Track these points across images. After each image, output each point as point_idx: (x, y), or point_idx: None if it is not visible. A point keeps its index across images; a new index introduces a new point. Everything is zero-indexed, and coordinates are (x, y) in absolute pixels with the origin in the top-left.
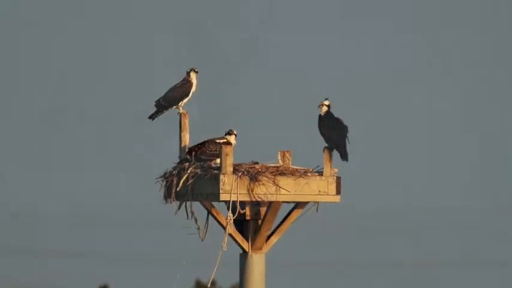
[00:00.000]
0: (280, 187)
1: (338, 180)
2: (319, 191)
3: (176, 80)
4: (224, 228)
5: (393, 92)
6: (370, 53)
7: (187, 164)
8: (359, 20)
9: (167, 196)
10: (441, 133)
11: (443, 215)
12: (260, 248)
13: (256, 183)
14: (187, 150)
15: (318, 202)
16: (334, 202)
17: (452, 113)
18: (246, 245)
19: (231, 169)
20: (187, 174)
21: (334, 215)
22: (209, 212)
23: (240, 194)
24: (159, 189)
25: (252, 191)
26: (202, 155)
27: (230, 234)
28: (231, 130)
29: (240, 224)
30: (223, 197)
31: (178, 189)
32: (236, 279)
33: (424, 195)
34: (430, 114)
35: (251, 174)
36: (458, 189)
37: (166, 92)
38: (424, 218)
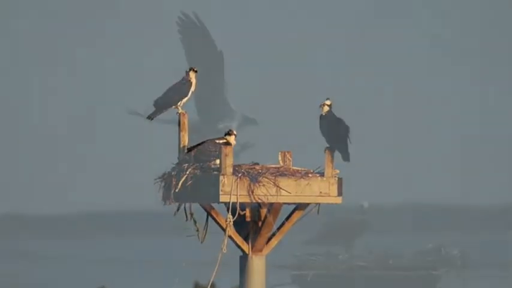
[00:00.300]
0: (280, 188)
1: (339, 181)
2: (320, 192)
3: (175, 79)
4: (224, 230)
5: (394, 92)
6: (371, 53)
7: (186, 164)
8: (359, 20)
9: (166, 197)
10: (441, 134)
11: (442, 214)
12: (260, 250)
13: (257, 185)
14: (186, 150)
15: (319, 203)
16: (336, 203)
17: (452, 113)
18: (246, 247)
19: (231, 170)
20: (186, 175)
21: (334, 215)
22: (208, 214)
23: (240, 195)
24: (157, 190)
25: (252, 192)
26: (202, 155)
27: (230, 236)
28: (230, 130)
29: (240, 225)
30: (223, 198)
31: (177, 190)
32: (236, 281)
33: (424, 195)
34: (430, 115)
35: (251, 175)
36: (458, 189)
37: (165, 92)
38: (423, 217)
